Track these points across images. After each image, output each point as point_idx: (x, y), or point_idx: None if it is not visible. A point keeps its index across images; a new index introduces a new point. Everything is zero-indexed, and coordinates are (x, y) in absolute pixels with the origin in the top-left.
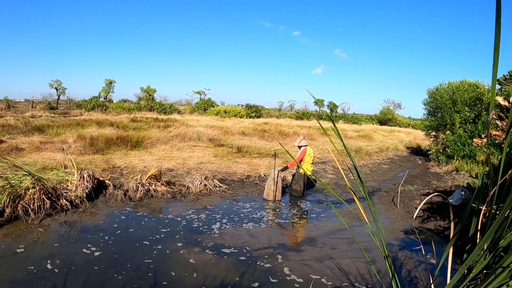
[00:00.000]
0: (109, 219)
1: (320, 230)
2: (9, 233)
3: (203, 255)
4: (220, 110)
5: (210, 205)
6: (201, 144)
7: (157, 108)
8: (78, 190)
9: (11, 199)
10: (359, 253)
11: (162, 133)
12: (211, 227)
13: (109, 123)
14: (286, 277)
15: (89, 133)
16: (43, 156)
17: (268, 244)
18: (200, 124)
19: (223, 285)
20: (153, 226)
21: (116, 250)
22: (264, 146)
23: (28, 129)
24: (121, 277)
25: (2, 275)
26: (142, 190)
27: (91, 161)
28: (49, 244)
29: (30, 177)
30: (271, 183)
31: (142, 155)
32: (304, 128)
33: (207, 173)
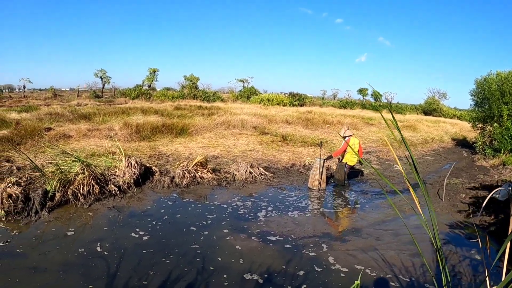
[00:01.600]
0: (156, 205)
1: (365, 221)
2: (59, 217)
3: (249, 242)
4: (263, 98)
5: (255, 192)
6: (245, 132)
7: (200, 96)
8: (126, 176)
9: (61, 184)
10: (404, 245)
11: (206, 121)
12: (257, 214)
13: (154, 110)
14: (331, 266)
15: (134, 121)
16: (91, 143)
17: (313, 233)
18: (243, 112)
19: (269, 272)
20: (200, 212)
21: (163, 235)
22: (308, 135)
23: (75, 117)
24: (169, 262)
25: (54, 256)
26: (189, 177)
27: (137, 148)
28: (98, 227)
29: (79, 163)
30: (316, 172)
31: (187, 142)
32: (348, 117)
33: (252, 161)
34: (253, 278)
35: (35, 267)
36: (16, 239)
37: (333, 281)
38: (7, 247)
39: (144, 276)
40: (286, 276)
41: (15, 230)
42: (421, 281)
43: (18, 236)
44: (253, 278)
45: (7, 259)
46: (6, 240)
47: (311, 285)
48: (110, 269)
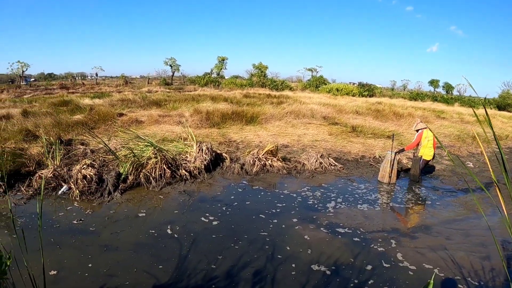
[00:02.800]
0: (226, 191)
1: (435, 218)
2: (131, 198)
3: (317, 233)
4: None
5: (325, 183)
6: (315, 121)
7: (269, 84)
8: (197, 161)
9: (134, 167)
10: (474, 247)
11: (275, 110)
12: (326, 205)
13: (223, 98)
14: (399, 263)
15: (204, 108)
16: (162, 129)
17: (382, 227)
18: (312, 102)
19: (336, 265)
20: (269, 201)
21: (233, 221)
22: (378, 127)
23: (146, 103)
24: (237, 248)
25: (126, 236)
26: (259, 165)
27: (207, 134)
28: (169, 210)
29: (152, 147)
30: (386, 165)
31: (257, 130)
32: (418, 109)
33: (322, 151)
34: (320, 270)
35: (107, 245)
36: (89, 218)
37: (401, 278)
38: (81, 225)
39: (213, 260)
40: (354, 269)
41: (89, 209)
42: (490, 286)
43: (91, 215)
44: (320, 270)
45: (81, 236)
46: (80, 218)
47: (378, 281)
48: (180, 252)
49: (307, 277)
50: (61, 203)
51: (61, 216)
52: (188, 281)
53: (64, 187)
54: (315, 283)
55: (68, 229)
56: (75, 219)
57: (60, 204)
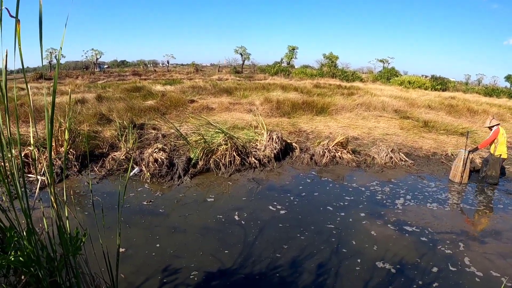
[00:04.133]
0: (294, 181)
1: (507, 224)
2: (200, 183)
3: (384, 229)
4: (404, 80)
5: (394, 178)
6: (386, 114)
7: (339, 75)
8: (267, 150)
9: (204, 153)
10: None
11: (346, 101)
12: (395, 201)
13: (293, 88)
14: (465, 268)
15: (274, 97)
16: (232, 116)
17: (451, 229)
18: (384, 94)
19: (401, 263)
20: (337, 193)
21: (300, 211)
22: (451, 123)
23: (216, 91)
24: (303, 238)
25: (194, 220)
26: (328, 156)
27: (278, 123)
28: (237, 197)
29: (222, 134)
30: (459, 164)
31: (327, 121)
32: (494, 106)
33: (392, 145)
34: (385, 267)
35: (175, 227)
36: (159, 200)
37: (467, 284)
38: (151, 206)
39: (278, 249)
40: (419, 270)
41: (158, 191)
42: None
43: (161, 197)
44: (385, 267)
45: (150, 217)
46: (150, 200)
47: (443, 284)
48: (246, 238)
49: (371, 273)
50: (132, 184)
51: (131, 197)
52: (252, 268)
53: (135, 169)
54: (379, 281)
55: (138, 209)
56: (145, 200)
57: (131, 185)
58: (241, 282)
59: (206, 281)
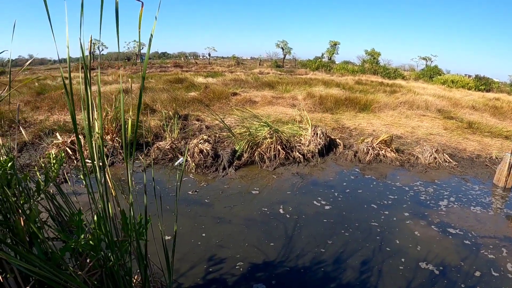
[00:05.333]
0: (338, 177)
1: None
2: (245, 175)
3: (428, 230)
4: (447, 79)
5: (438, 179)
6: (429, 114)
7: (381, 72)
8: (311, 145)
9: (249, 146)
10: None
11: (389, 99)
12: (438, 203)
13: (335, 83)
14: (508, 274)
15: (317, 92)
16: (275, 110)
17: (494, 234)
18: (426, 93)
19: (444, 265)
20: (381, 191)
21: (344, 207)
22: (495, 125)
23: (258, 84)
24: (347, 234)
25: (239, 211)
26: (372, 154)
27: (321, 119)
28: (281, 190)
29: (267, 128)
30: (504, 168)
31: (370, 118)
32: None
33: (436, 145)
34: (428, 268)
35: (220, 218)
36: (204, 190)
37: None
38: (196, 196)
39: (322, 244)
40: (461, 273)
41: (203, 182)
42: None
43: (206, 188)
44: (428, 268)
45: (195, 206)
46: (195, 190)
47: None
48: (291, 232)
49: (414, 273)
50: (177, 174)
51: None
52: (296, 261)
53: (180, 159)
54: (421, 281)
55: (184, 199)
56: (190, 190)
57: (177, 175)
58: (285, 275)
59: (251, 272)
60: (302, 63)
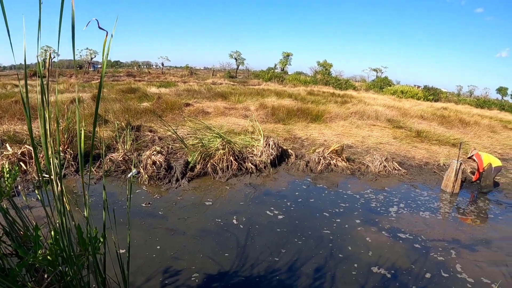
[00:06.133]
0: (290, 187)
1: (497, 233)
2: (198, 187)
3: (379, 236)
4: (397, 90)
5: (388, 187)
6: (379, 123)
7: (333, 82)
8: (263, 155)
9: (202, 157)
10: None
11: (340, 109)
12: (388, 209)
13: (287, 94)
14: (457, 274)
15: (269, 103)
16: (228, 121)
17: (443, 237)
18: (377, 103)
19: (395, 269)
20: (333, 200)
21: (297, 216)
22: (443, 133)
23: (211, 95)
24: (300, 243)
25: (193, 223)
26: (323, 163)
27: (273, 129)
28: (234, 201)
29: (220, 139)
30: (451, 174)
31: (322, 128)
32: (485, 118)
33: (386, 154)
34: (380, 272)
35: (174, 229)
36: (157, 202)
37: None
38: (149, 208)
39: (275, 252)
40: (412, 275)
41: (156, 194)
42: None
43: (159, 200)
44: (380, 272)
45: (149, 219)
46: (148, 202)
47: None
48: (245, 242)
49: (367, 278)
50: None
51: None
52: (251, 270)
53: (133, 171)
54: (374, 285)
55: (137, 211)
56: (144, 202)
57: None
58: (240, 285)
59: (206, 283)
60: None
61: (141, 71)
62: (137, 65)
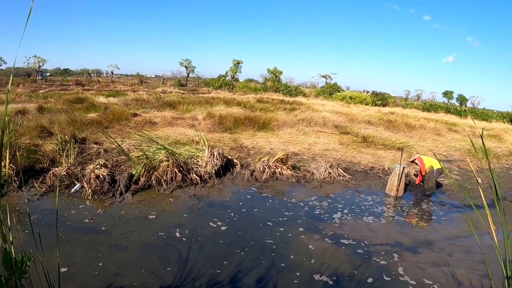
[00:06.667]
0: (235, 197)
1: (439, 234)
2: (142, 200)
3: (322, 243)
4: (346, 95)
5: (332, 193)
6: (326, 130)
7: (282, 89)
8: (208, 166)
9: (146, 170)
10: (475, 265)
11: (288, 116)
12: (332, 216)
13: (236, 102)
14: (399, 277)
15: (217, 112)
16: (175, 131)
17: (386, 241)
18: (325, 109)
19: (338, 275)
20: (277, 208)
21: (241, 227)
22: (389, 138)
23: (160, 104)
24: (243, 254)
25: (136, 237)
26: (268, 172)
27: (219, 139)
28: (178, 213)
29: (164, 150)
30: (394, 178)
31: (269, 137)
32: (431, 121)
33: (331, 160)
34: (322, 279)
35: (117, 245)
36: (100, 217)
37: None
38: (92, 223)
39: (218, 264)
40: (354, 281)
41: (100, 208)
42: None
43: (103, 215)
44: (322, 279)
45: (92, 235)
46: (92, 217)
47: None
48: (187, 255)
49: (309, 286)
50: (73, 201)
51: (73, 214)
52: (193, 284)
53: (77, 186)
54: None
55: (80, 227)
56: (87, 218)
57: (73, 202)
58: None
59: None
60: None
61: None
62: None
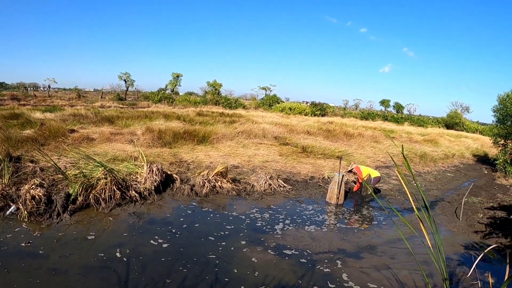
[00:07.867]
0: (176, 213)
1: (381, 238)
2: (81, 220)
3: (265, 255)
4: (285, 107)
5: (273, 204)
6: (266, 141)
7: (222, 102)
8: (147, 182)
9: (84, 188)
10: (417, 265)
11: (228, 129)
12: (274, 227)
13: (176, 116)
14: (344, 283)
15: (157, 126)
16: (113, 147)
17: (329, 248)
18: (265, 121)
19: (282, 286)
20: (218, 223)
21: (182, 243)
22: (328, 147)
23: (98, 120)
24: (186, 270)
25: (75, 259)
26: (208, 186)
27: (159, 154)
28: (118, 233)
29: (102, 168)
30: (334, 187)
31: (208, 150)
32: (369, 129)
33: (271, 172)
34: None
35: (56, 268)
36: (38, 240)
37: None
38: (29, 247)
39: (161, 283)
40: None
41: (37, 231)
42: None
43: (40, 237)
44: None
45: (29, 259)
46: (28, 241)
47: None
48: (129, 275)
49: None
50: (8, 224)
51: (8, 238)
52: None
53: (12, 208)
54: None
55: (16, 251)
56: (23, 241)
57: (8, 225)
58: None
59: None
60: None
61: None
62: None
